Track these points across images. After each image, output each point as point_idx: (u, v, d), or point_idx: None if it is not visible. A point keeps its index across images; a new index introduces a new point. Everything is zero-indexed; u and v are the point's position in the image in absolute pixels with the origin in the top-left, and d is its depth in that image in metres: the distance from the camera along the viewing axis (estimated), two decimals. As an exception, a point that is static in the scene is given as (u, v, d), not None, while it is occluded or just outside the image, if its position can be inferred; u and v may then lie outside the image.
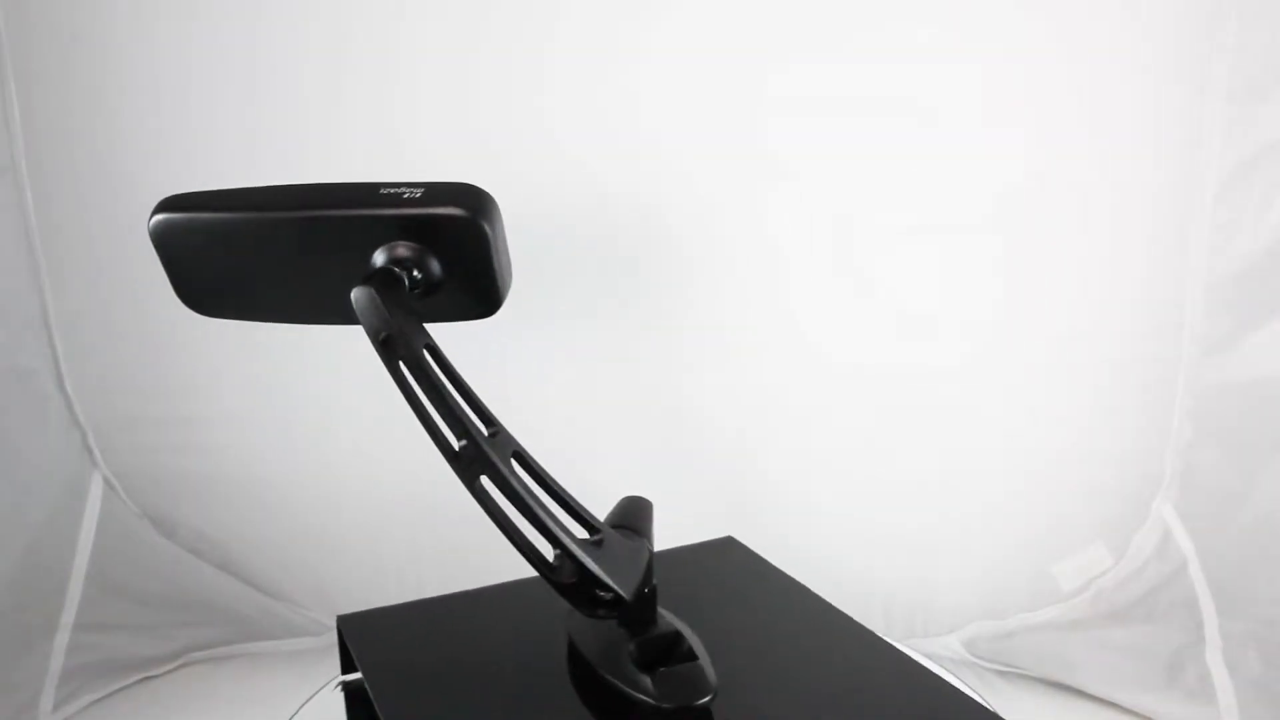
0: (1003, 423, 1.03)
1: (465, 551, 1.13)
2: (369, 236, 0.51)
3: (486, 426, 0.52)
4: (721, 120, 0.98)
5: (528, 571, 0.55)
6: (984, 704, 0.57)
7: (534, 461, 0.53)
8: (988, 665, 1.10)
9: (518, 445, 0.52)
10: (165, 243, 0.55)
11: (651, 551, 0.57)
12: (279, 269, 0.54)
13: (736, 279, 1.03)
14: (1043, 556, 1.06)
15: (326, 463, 1.12)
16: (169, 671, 1.13)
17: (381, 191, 0.50)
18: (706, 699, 0.56)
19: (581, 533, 0.53)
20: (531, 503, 0.50)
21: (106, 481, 1.10)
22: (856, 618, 0.67)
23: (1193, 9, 0.89)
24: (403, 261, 0.50)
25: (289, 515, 1.13)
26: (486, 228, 0.49)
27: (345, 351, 1.08)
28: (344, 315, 0.52)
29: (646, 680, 0.57)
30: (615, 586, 0.52)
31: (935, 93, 0.95)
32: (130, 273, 1.05)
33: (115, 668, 1.08)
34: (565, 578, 0.52)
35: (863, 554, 1.09)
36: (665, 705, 0.56)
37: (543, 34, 0.96)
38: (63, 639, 1.04)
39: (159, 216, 0.54)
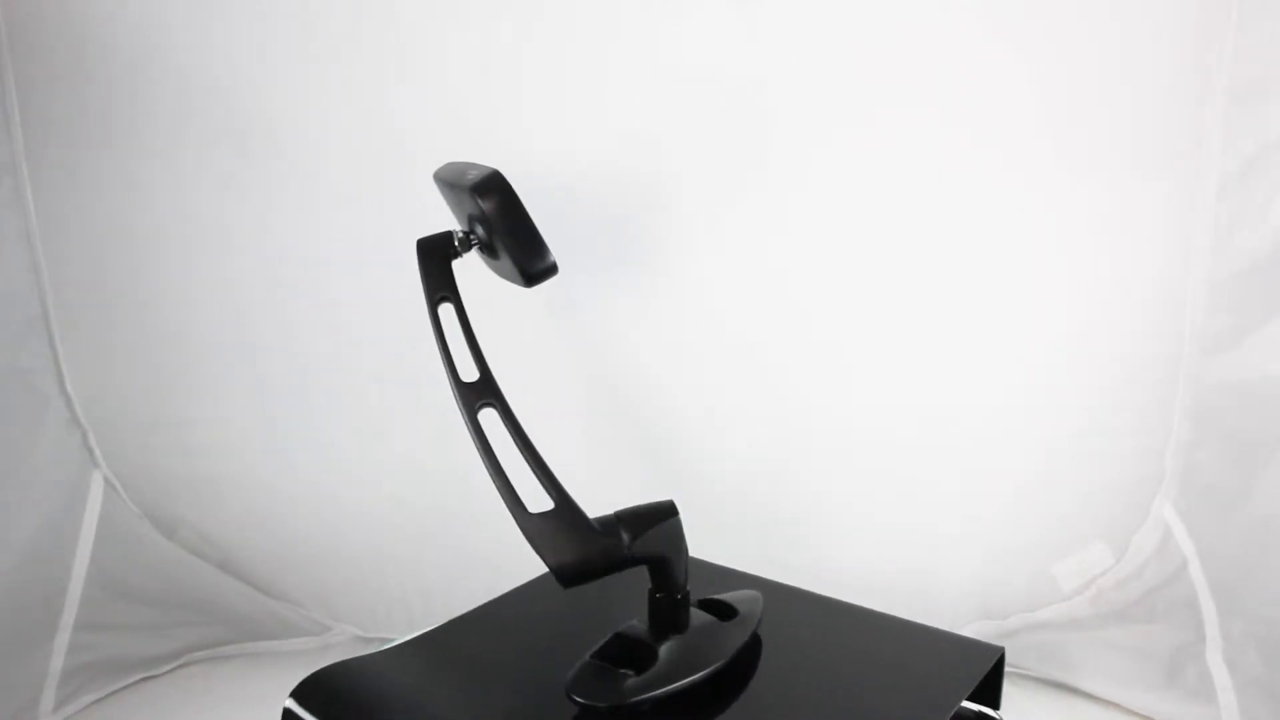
0: (1002, 422, 1.03)
1: (465, 551, 1.13)
2: (463, 203, 0.63)
3: (481, 376, 0.60)
4: (728, 122, 0.98)
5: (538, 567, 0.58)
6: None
7: (515, 421, 0.60)
8: (988, 665, 1.10)
9: (500, 403, 0.60)
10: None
11: (629, 553, 0.59)
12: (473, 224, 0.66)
13: (739, 276, 1.03)
14: (1043, 556, 1.06)
15: (326, 463, 1.12)
16: (169, 671, 1.13)
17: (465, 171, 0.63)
18: (603, 704, 0.58)
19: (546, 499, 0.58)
20: (481, 453, 0.58)
21: (106, 481, 1.10)
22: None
23: (1193, 9, 0.89)
24: (470, 225, 0.64)
25: (289, 515, 1.14)
26: (487, 206, 0.59)
27: (345, 352, 1.08)
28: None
29: (576, 668, 0.61)
30: (536, 550, 0.56)
31: (937, 92, 0.95)
32: (130, 273, 1.05)
33: (115, 668, 1.08)
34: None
35: (862, 554, 1.09)
36: (569, 692, 0.59)
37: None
38: (63, 639, 1.04)
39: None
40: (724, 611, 0.68)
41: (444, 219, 0.71)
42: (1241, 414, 0.92)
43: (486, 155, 0.98)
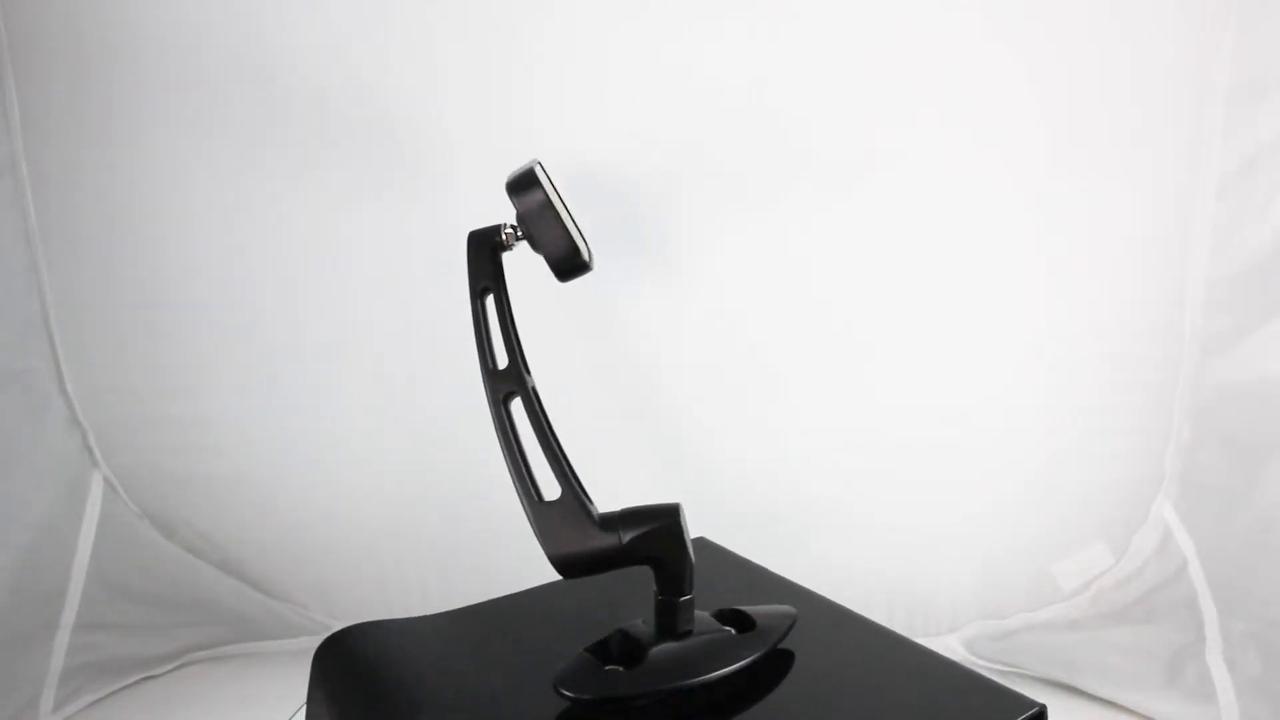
0: (1003, 422, 1.03)
1: (465, 552, 1.13)
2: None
3: (509, 365, 0.61)
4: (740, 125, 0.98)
5: (545, 573, 0.60)
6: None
7: (540, 409, 0.60)
8: (988, 665, 1.09)
9: (527, 392, 0.60)
10: None
11: (621, 547, 0.58)
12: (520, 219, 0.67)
13: (743, 277, 1.03)
14: (1043, 556, 1.06)
15: (326, 463, 1.12)
16: (169, 671, 1.13)
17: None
18: (584, 696, 0.59)
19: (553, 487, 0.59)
20: (500, 440, 0.59)
21: (106, 481, 1.10)
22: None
23: (1193, 9, 0.89)
24: (516, 221, 0.64)
25: (289, 515, 1.13)
26: (516, 203, 0.61)
27: (346, 351, 1.08)
28: None
29: (568, 661, 0.62)
30: (536, 536, 0.57)
31: (939, 92, 0.95)
32: (130, 273, 1.05)
33: (115, 668, 1.08)
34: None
35: (863, 554, 1.09)
36: (555, 683, 0.60)
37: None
38: (63, 639, 1.04)
39: None
40: (743, 623, 0.67)
41: (452, 216, 0.71)
42: (1241, 414, 0.92)
43: (492, 153, 0.99)
